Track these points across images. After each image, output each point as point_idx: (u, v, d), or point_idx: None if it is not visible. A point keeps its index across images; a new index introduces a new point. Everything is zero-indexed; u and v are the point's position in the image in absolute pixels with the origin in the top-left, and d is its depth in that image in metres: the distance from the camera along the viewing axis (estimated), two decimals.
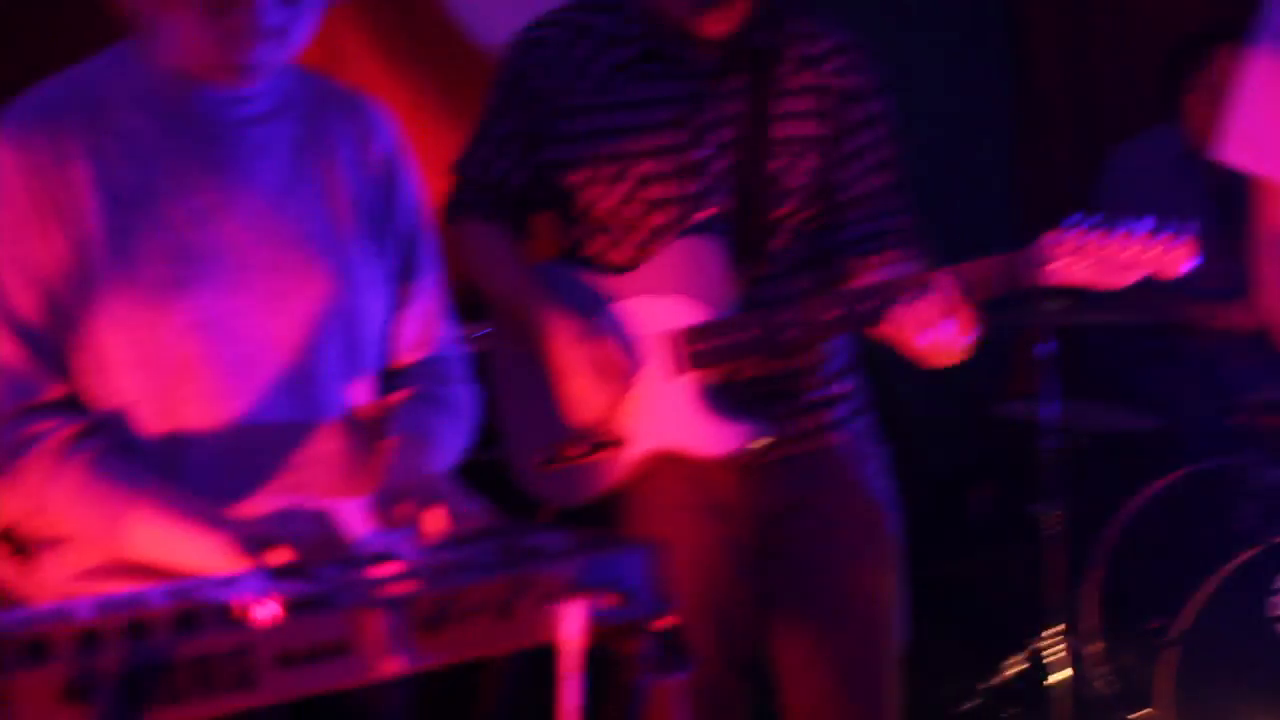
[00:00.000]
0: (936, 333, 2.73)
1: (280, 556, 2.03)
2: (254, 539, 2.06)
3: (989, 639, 4.98)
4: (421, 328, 2.54)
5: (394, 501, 2.20)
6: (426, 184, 2.61)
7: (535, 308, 3.01)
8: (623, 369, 2.94)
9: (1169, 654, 4.03)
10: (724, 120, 2.95)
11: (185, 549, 2.15)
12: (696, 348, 2.91)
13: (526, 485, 3.12)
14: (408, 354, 2.53)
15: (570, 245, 3.11)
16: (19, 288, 2.25)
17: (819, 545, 3.06)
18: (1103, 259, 2.68)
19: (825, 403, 3.07)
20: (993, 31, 6.56)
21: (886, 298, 2.78)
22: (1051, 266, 2.71)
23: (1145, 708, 4.23)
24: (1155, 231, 2.66)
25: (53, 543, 2.33)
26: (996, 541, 5.57)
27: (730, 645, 3.05)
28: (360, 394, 2.42)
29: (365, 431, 2.43)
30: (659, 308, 2.95)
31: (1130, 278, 2.69)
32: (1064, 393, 4.71)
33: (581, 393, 2.96)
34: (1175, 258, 2.66)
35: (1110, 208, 5.25)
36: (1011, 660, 4.64)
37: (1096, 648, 4.57)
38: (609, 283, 3.01)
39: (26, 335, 2.25)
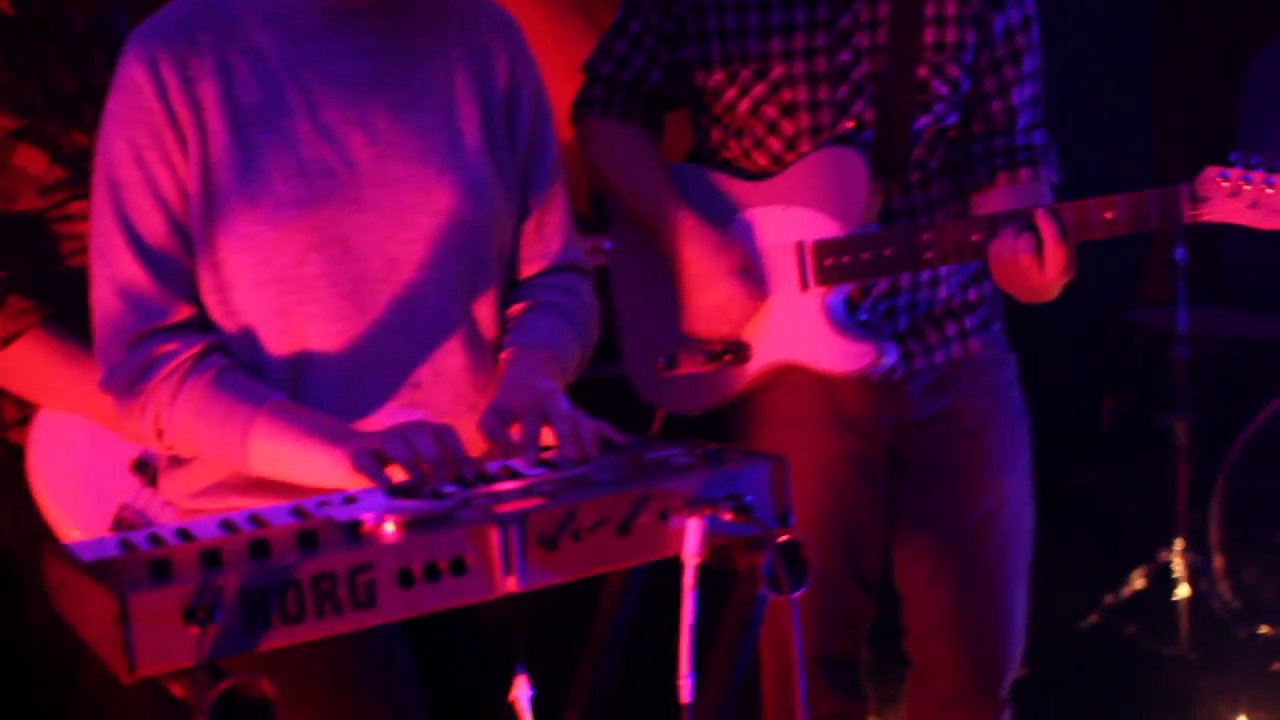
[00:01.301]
0: (1026, 277, 2.72)
1: (399, 473, 2.04)
2: (373, 454, 2.07)
3: (1113, 551, 4.95)
4: (544, 239, 2.53)
5: (507, 419, 2.20)
6: (556, 92, 2.59)
7: (668, 212, 2.98)
8: (755, 283, 2.91)
9: None
10: (868, 23, 2.89)
11: (304, 464, 2.16)
12: (829, 262, 2.87)
13: (643, 391, 3.11)
14: (529, 265, 2.52)
15: (706, 147, 3.08)
16: (147, 210, 2.26)
17: (961, 455, 3.03)
18: (1262, 201, 2.61)
19: (963, 309, 3.03)
20: None
21: (1024, 224, 2.72)
22: (1208, 204, 2.64)
23: (1266, 623, 4.19)
24: None
25: (177, 461, 2.36)
26: (1125, 451, 5.52)
27: (855, 559, 3.04)
28: (484, 308, 2.42)
29: (488, 346, 2.43)
30: (793, 218, 2.91)
31: None
32: (1197, 298, 4.64)
33: (711, 304, 2.94)
34: None
35: (1258, 109, 5.18)
36: (1135, 575, 4.60)
37: (1220, 563, 4.52)
38: (744, 188, 2.97)
39: (154, 258, 2.26)
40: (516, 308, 2.48)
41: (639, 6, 3.02)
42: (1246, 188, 2.61)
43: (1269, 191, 2.60)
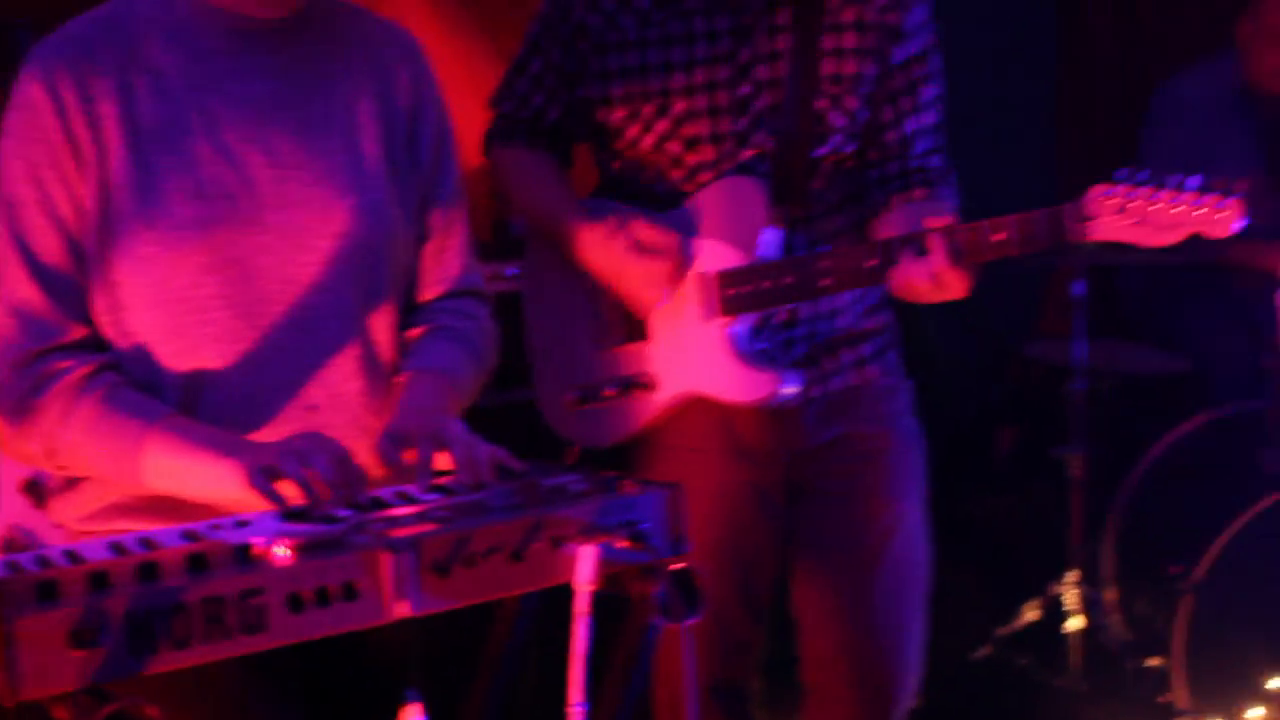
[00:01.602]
0: (924, 297, 2.75)
1: (290, 490, 2.04)
2: (267, 470, 2.06)
3: (1006, 582, 4.98)
4: (444, 263, 2.53)
5: (402, 444, 2.20)
6: (462, 119, 2.59)
7: (569, 220, 2.98)
8: (664, 241, 2.90)
9: (1184, 602, 4.01)
10: (768, 56, 2.91)
11: (199, 477, 2.15)
12: (730, 292, 2.89)
13: (556, 426, 3.12)
14: (429, 289, 2.52)
15: (609, 181, 3.09)
16: (42, 229, 2.24)
17: (856, 481, 3.05)
18: (1148, 217, 2.63)
19: (860, 337, 3.06)
20: None
21: (919, 248, 2.74)
22: (1095, 223, 2.66)
23: (1157, 655, 4.23)
24: (1203, 190, 2.60)
25: (70, 484, 2.34)
26: (1020, 483, 5.57)
27: (749, 588, 3.05)
28: (382, 331, 2.42)
29: (385, 370, 2.42)
30: (695, 249, 2.92)
31: (1175, 237, 2.63)
32: (1094, 333, 4.68)
33: (625, 290, 2.94)
34: (1222, 218, 2.60)
35: (1159, 140, 5.25)
36: (1028, 606, 4.64)
37: (1112, 595, 4.56)
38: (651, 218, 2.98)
39: (48, 278, 2.25)
40: (415, 331, 2.48)
41: (539, 45, 3.03)
42: (1132, 204, 2.63)
43: (1154, 207, 2.62)
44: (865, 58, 2.93)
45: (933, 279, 2.70)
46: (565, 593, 1.99)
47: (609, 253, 2.92)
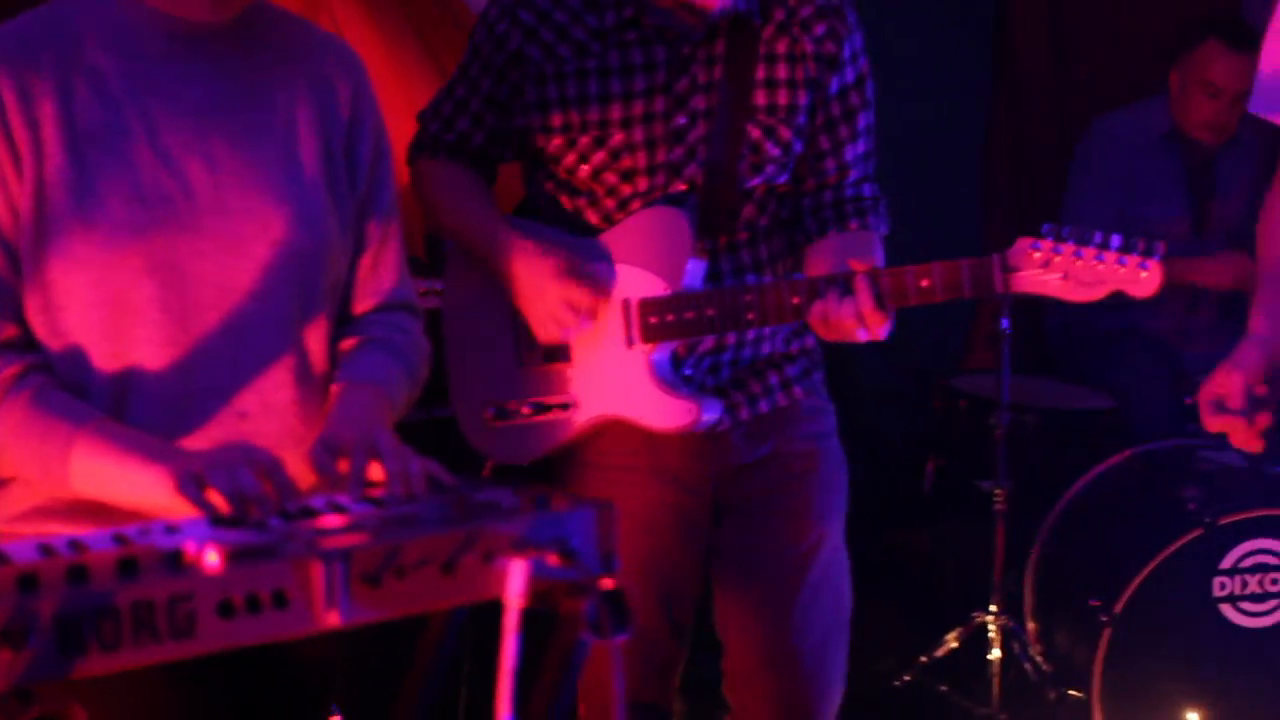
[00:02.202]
0: (847, 335, 2.77)
1: (218, 498, 2.03)
2: (193, 477, 2.06)
3: (930, 612, 5.00)
4: (377, 276, 2.53)
5: (334, 454, 2.20)
6: (398, 135, 2.59)
7: (496, 234, 2.98)
8: (589, 277, 2.91)
9: (1102, 634, 4.05)
10: (704, 87, 2.92)
11: (126, 482, 2.15)
12: (653, 320, 2.89)
13: (473, 440, 3.11)
14: (362, 302, 2.52)
15: (539, 200, 3.09)
16: None
17: (783, 500, 3.06)
18: (1072, 273, 2.67)
19: (786, 359, 3.07)
20: (976, 13, 6.52)
21: (844, 289, 2.76)
22: (1019, 275, 2.70)
23: (1075, 687, 4.26)
24: (1126, 249, 2.64)
25: None
26: (944, 515, 5.59)
27: (672, 608, 3.06)
28: (316, 341, 2.41)
29: (317, 380, 2.42)
30: (620, 275, 2.93)
31: (1097, 293, 2.67)
32: (1020, 368, 4.70)
33: (545, 310, 2.93)
34: (1145, 279, 2.64)
35: (1088, 172, 5.31)
36: (949, 636, 4.66)
37: (1033, 626, 4.60)
38: (574, 244, 2.97)
39: None
40: (348, 343, 2.48)
41: (469, 72, 3.03)
42: (1057, 259, 2.67)
43: (1078, 263, 2.66)
44: (799, 88, 2.95)
45: (857, 319, 2.72)
46: (494, 608, 1.99)
47: (537, 268, 2.91)
